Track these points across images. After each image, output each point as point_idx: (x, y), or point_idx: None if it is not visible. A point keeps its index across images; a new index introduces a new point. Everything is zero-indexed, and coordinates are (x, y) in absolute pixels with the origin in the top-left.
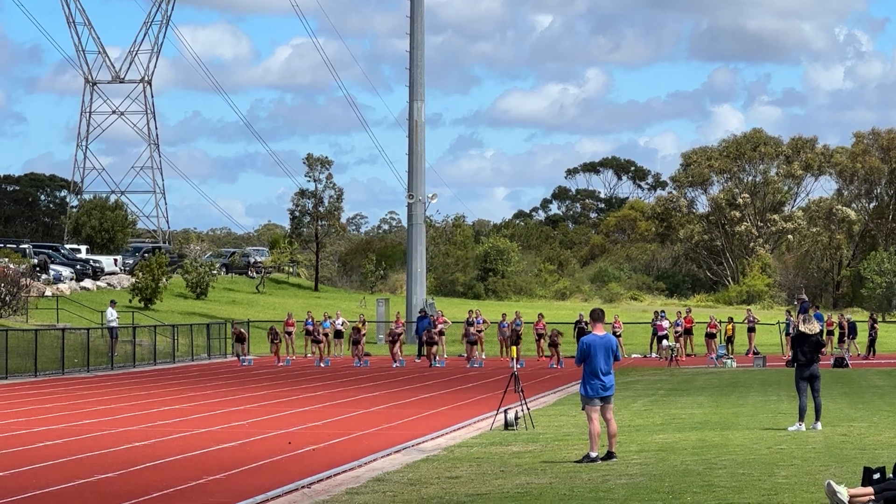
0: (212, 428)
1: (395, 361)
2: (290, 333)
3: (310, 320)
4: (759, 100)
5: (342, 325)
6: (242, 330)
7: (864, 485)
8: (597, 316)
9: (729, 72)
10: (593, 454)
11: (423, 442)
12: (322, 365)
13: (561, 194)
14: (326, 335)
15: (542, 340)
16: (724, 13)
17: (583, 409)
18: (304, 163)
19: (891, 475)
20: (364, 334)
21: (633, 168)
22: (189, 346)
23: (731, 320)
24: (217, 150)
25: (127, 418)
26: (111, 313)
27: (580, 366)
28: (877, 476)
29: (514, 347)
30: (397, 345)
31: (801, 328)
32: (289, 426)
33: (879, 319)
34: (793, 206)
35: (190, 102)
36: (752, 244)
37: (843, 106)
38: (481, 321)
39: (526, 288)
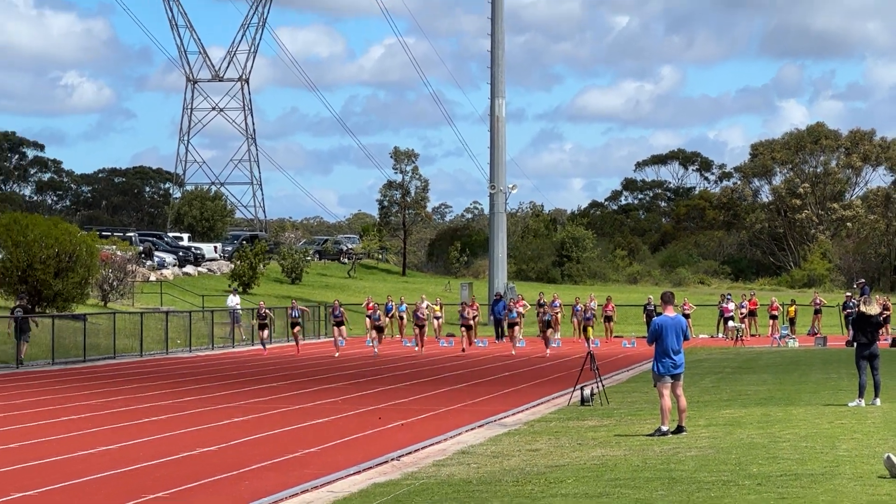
0: (305, 405)
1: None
2: (369, 317)
3: (374, 306)
4: (823, 94)
5: (427, 307)
6: (269, 311)
7: None
8: (667, 298)
9: (796, 68)
10: (664, 428)
11: (505, 417)
12: (374, 347)
13: (630, 185)
14: (402, 318)
15: (610, 322)
16: (793, 12)
17: (654, 386)
18: (390, 156)
19: None
20: (441, 317)
21: (698, 159)
22: (285, 327)
23: (793, 302)
24: (312, 143)
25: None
26: (233, 300)
27: (652, 345)
28: None
29: (588, 328)
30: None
31: (863, 309)
32: (377, 402)
33: None
34: (852, 195)
35: (288, 99)
36: (812, 231)
37: None
38: (558, 304)
39: (599, 273)
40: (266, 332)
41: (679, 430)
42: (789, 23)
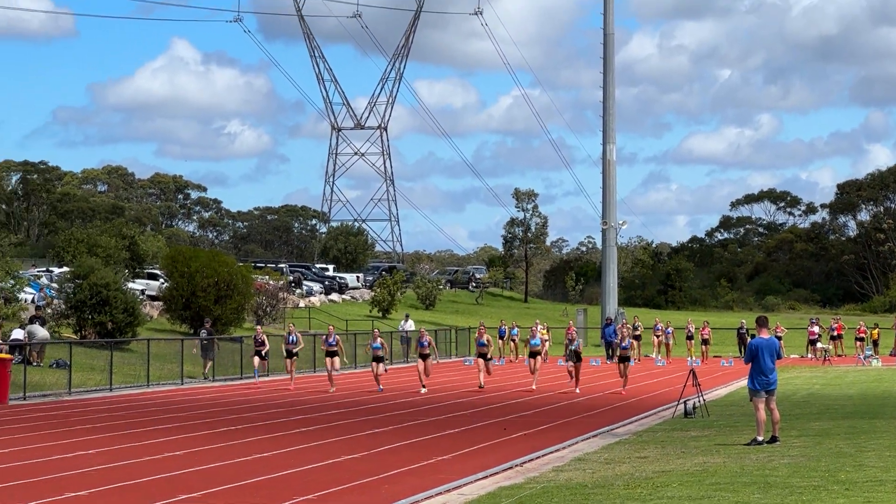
0: (439, 417)
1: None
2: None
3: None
4: None
5: (541, 332)
6: (264, 336)
7: None
8: (762, 322)
9: (882, 115)
10: (760, 438)
11: (616, 428)
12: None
13: (726, 222)
14: (514, 340)
15: (707, 345)
16: (880, 64)
17: (751, 401)
18: (513, 196)
19: None
20: (549, 340)
21: (787, 197)
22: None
23: (876, 326)
24: (445, 184)
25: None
26: (409, 324)
27: (748, 364)
28: None
29: (690, 348)
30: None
31: None
32: (505, 415)
33: None
34: None
35: (424, 144)
36: (894, 262)
37: None
38: (671, 331)
39: (700, 299)
40: (258, 360)
41: (773, 440)
42: (876, 74)
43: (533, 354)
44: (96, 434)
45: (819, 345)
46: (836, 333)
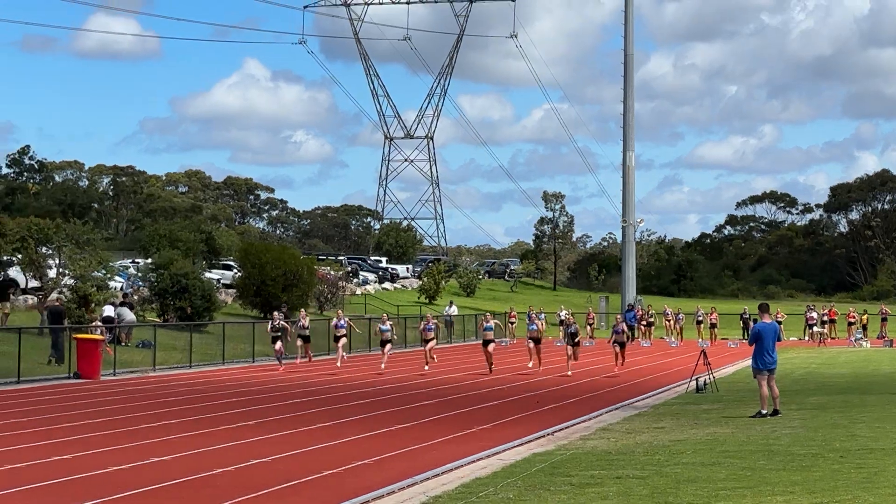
0: (482, 390)
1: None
2: (512, 323)
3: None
4: (892, 147)
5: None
6: (284, 322)
7: None
8: (764, 308)
9: (871, 126)
10: (763, 411)
11: (636, 401)
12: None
13: (732, 220)
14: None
15: (714, 328)
16: (869, 81)
17: (754, 378)
18: (542, 198)
19: None
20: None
21: (787, 198)
22: (462, 331)
23: (865, 312)
24: (485, 187)
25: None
26: (453, 309)
27: (752, 346)
28: None
29: (700, 331)
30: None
31: None
32: (537, 389)
33: None
34: None
35: (466, 152)
36: (880, 255)
37: None
38: (682, 316)
39: (708, 288)
40: (279, 345)
41: (775, 412)
42: (865, 90)
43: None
44: (178, 406)
45: (815, 329)
46: (829, 318)
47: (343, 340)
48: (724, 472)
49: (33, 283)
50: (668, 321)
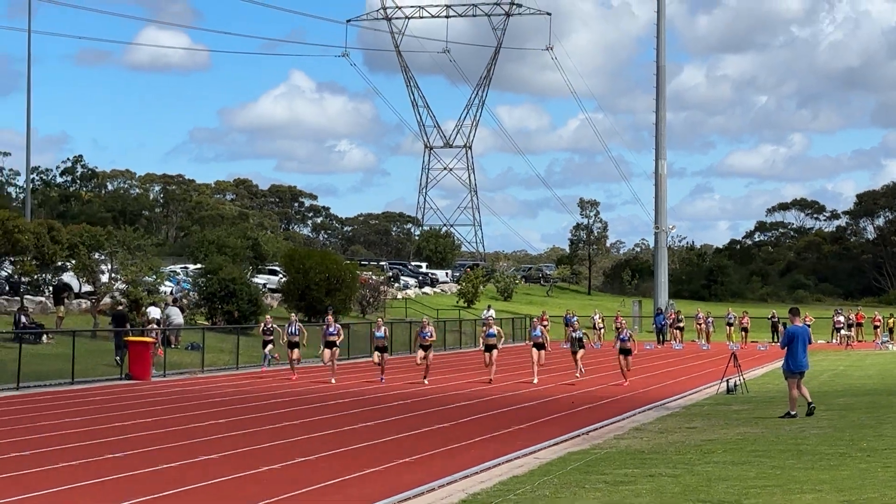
0: (518, 391)
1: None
2: (545, 326)
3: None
4: None
5: (600, 319)
6: (274, 325)
7: None
8: (796, 312)
9: None
10: (793, 412)
11: (669, 402)
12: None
13: (761, 226)
14: (572, 327)
15: (746, 332)
16: None
17: (785, 380)
18: (578, 205)
19: None
20: (603, 327)
21: (815, 205)
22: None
23: (891, 316)
24: (522, 195)
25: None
26: (490, 313)
27: (784, 349)
28: None
29: (730, 334)
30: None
31: None
32: (571, 390)
33: None
34: None
35: (503, 160)
36: None
37: None
38: (711, 320)
39: (739, 292)
40: (269, 347)
41: (811, 410)
42: (893, 100)
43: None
44: (225, 406)
45: (843, 332)
46: (856, 322)
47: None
48: (755, 471)
49: (87, 288)
50: (700, 325)
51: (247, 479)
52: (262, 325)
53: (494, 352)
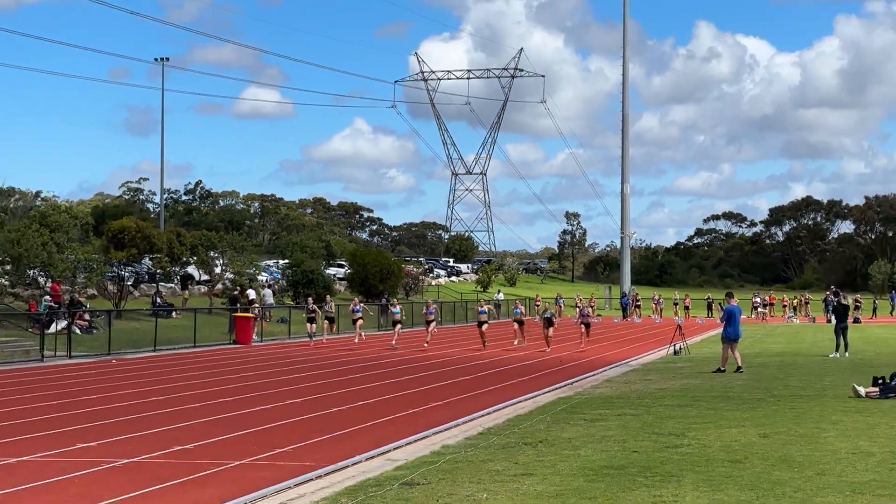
0: (523, 353)
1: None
2: (537, 305)
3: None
4: (815, 179)
5: (579, 300)
6: (315, 306)
7: (873, 386)
8: (731, 295)
9: (801, 164)
10: (723, 368)
11: (632, 361)
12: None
13: (699, 232)
14: (559, 306)
15: (687, 310)
16: (799, 133)
17: (722, 343)
18: (564, 216)
19: (888, 380)
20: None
21: (739, 216)
22: (506, 311)
23: (795, 297)
24: (523, 209)
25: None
26: (500, 295)
27: (723, 322)
28: (880, 381)
29: (676, 311)
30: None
31: (842, 302)
32: (562, 350)
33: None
34: (830, 236)
35: (510, 183)
36: (806, 257)
37: None
38: (656, 298)
39: (682, 280)
40: (313, 326)
41: (739, 370)
42: (797, 139)
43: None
44: (307, 363)
45: (759, 310)
46: (769, 302)
47: (360, 322)
48: (695, 412)
49: (205, 277)
50: (654, 304)
51: (331, 416)
52: (306, 306)
53: (485, 326)
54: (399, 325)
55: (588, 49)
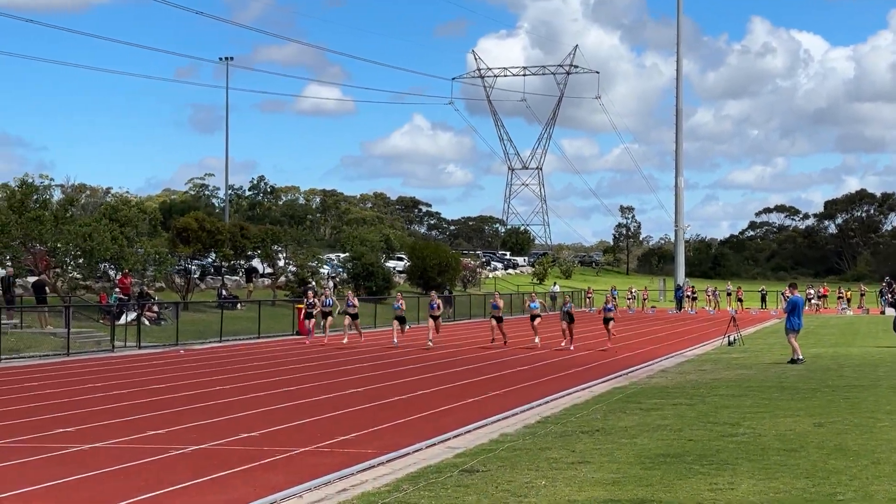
0: (575, 344)
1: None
2: (590, 298)
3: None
4: (869, 173)
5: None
6: (315, 298)
7: None
8: (794, 286)
9: (855, 158)
10: (799, 357)
11: (687, 352)
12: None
13: (753, 225)
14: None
15: (741, 302)
16: (854, 126)
17: (787, 334)
18: (619, 210)
19: None
20: (634, 297)
21: (792, 209)
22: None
23: (849, 289)
24: (579, 203)
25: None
26: (556, 288)
27: (786, 312)
28: None
29: (730, 302)
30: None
31: None
32: (613, 343)
33: None
34: (884, 227)
35: (566, 178)
36: (859, 249)
37: None
38: (711, 290)
39: (736, 272)
40: (330, 320)
41: (795, 360)
42: (852, 132)
43: (532, 318)
44: (368, 354)
45: (813, 301)
46: (823, 294)
47: (349, 318)
48: (749, 401)
49: (268, 270)
50: (708, 296)
51: (391, 405)
52: (305, 300)
53: (538, 320)
54: (499, 321)
55: (643, 45)
